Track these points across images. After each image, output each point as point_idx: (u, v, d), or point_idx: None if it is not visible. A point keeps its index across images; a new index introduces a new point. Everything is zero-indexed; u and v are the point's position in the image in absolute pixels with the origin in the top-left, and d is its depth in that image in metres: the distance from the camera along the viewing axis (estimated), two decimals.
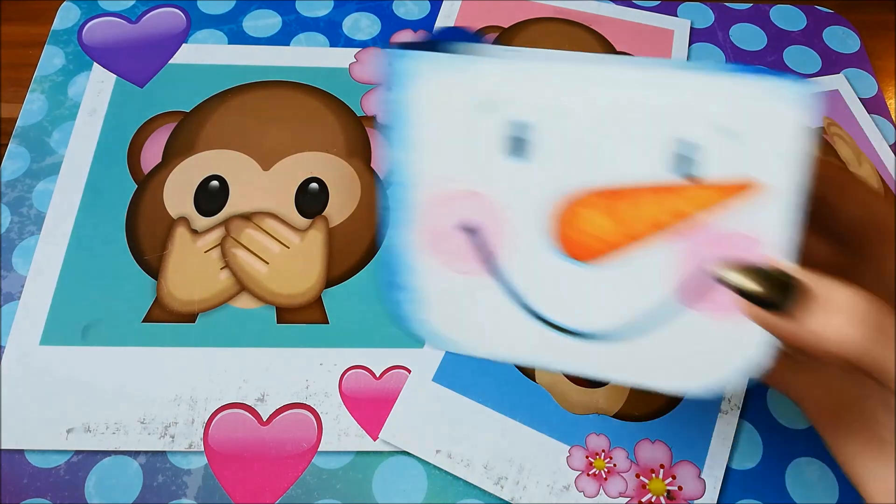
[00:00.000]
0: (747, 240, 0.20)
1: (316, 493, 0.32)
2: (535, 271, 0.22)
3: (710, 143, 0.20)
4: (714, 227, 0.20)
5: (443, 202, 0.22)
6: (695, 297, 0.21)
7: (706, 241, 0.21)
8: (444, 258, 0.23)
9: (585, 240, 0.21)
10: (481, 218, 0.22)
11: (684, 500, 0.32)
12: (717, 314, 0.21)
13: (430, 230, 0.23)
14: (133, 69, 0.43)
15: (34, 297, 0.35)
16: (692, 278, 0.21)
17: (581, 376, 0.23)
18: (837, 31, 0.48)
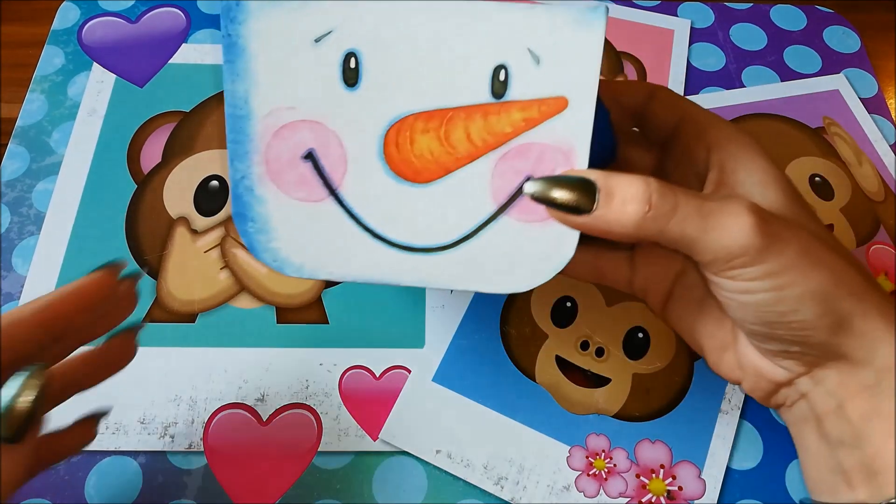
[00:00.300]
0: (556, 150, 0.24)
1: (316, 494, 0.32)
2: (371, 194, 0.24)
3: (520, 68, 0.23)
4: (527, 142, 0.23)
5: (282, 132, 0.24)
6: (512, 206, 0.24)
7: (521, 156, 0.24)
8: (287, 187, 0.24)
9: (416, 162, 0.24)
10: (320, 146, 0.24)
11: (684, 500, 0.32)
12: (531, 219, 0.24)
13: (271, 160, 0.24)
14: (133, 69, 0.43)
15: (34, 298, 0.35)
16: (509, 190, 0.24)
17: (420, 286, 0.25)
18: (838, 31, 0.48)
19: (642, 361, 0.35)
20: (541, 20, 0.22)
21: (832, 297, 0.24)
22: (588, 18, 0.22)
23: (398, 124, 0.23)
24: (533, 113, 0.23)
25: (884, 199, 0.41)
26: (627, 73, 0.45)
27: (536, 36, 0.22)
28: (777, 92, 0.44)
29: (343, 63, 0.23)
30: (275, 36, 0.23)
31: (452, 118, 0.23)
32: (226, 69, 0.23)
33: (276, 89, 0.23)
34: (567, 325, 0.36)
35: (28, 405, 0.23)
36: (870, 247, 0.39)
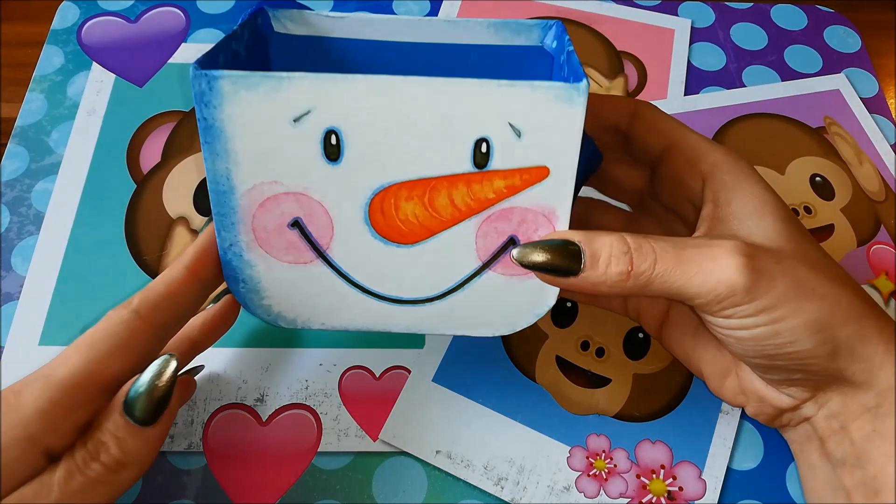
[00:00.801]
0: (537, 213, 0.24)
1: (315, 494, 0.32)
2: (359, 255, 0.25)
3: (501, 140, 0.23)
4: (510, 206, 0.24)
5: (267, 204, 0.24)
6: (496, 262, 0.25)
7: (504, 218, 0.25)
8: (276, 252, 0.25)
9: (402, 226, 0.25)
10: (306, 215, 0.25)
11: (685, 500, 0.32)
12: (515, 273, 0.26)
13: (258, 229, 0.25)
14: (132, 69, 0.43)
15: (33, 297, 0.35)
16: (493, 248, 0.25)
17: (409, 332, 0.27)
18: (838, 31, 0.48)
19: (643, 362, 0.35)
20: (522, 97, 0.22)
21: (829, 326, 0.24)
22: (569, 94, 0.22)
23: (382, 193, 0.24)
24: (515, 181, 0.24)
25: (884, 199, 0.41)
26: (628, 73, 0.45)
27: (518, 111, 0.23)
28: (777, 91, 0.44)
29: (324, 140, 0.23)
30: (252, 118, 0.23)
31: (436, 187, 0.24)
32: (204, 149, 0.23)
33: (257, 167, 0.24)
34: (567, 325, 0.36)
35: (163, 391, 0.23)
36: (870, 247, 0.39)
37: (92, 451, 0.23)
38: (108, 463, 0.23)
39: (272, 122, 0.23)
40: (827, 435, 0.26)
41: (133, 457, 0.23)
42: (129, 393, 0.23)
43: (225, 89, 0.22)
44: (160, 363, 0.24)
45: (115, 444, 0.23)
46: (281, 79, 0.22)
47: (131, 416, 0.23)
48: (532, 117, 0.23)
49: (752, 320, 0.24)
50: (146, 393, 0.23)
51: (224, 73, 0.22)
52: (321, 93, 0.22)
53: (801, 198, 0.40)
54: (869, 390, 0.25)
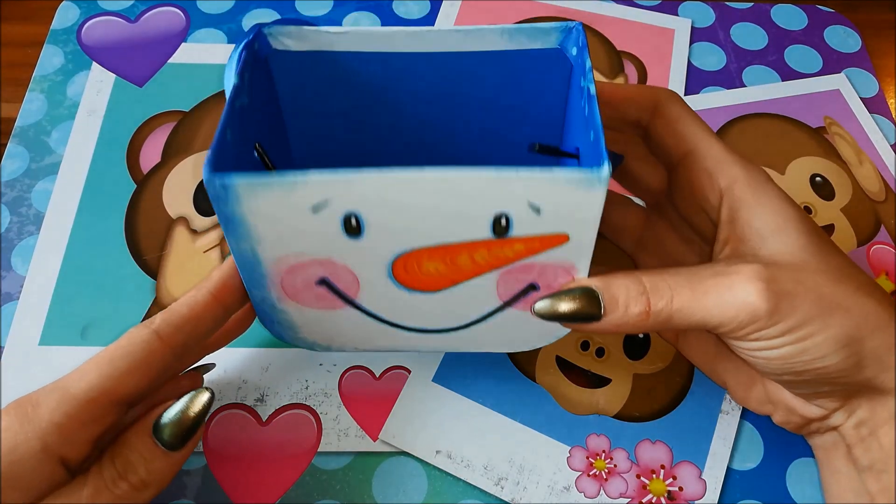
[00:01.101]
0: (557, 267, 0.25)
1: (315, 494, 0.32)
2: (385, 301, 0.26)
3: (522, 216, 0.23)
4: (530, 262, 0.25)
5: (294, 270, 0.25)
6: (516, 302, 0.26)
7: (524, 271, 0.25)
8: (307, 302, 0.26)
9: (425, 279, 0.25)
10: (331, 274, 0.25)
11: (685, 500, 0.32)
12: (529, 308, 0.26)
13: (287, 287, 0.26)
14: (132, 68, 0.43)
15: (33, 298, 0.35)
16: (514, 291, 0.26)
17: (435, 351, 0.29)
18: (838, 31, 0.48)
19: (643, 361, 0.35)
20: (542, 181, 0.22)
21: (856, 339, 0.24)
22: (590, 182, 0.22)
23: (404, 256, 0.24)
24: (534, 245, 0.24)
25: (885, 199, 0.41)
26: (628, 73, 0.45)
27: (538, 192, 0.22)
28: (778, 91, 0.44)
29: (344, 222, 0.23)
30: (271, 210, 0.23)
31: (456, 249, 0.24)
32: (227, 234, 0.24)
33: (281, 245, 0.24)
34: None
35: (193, 421, 0.25)
36: (870, 247, 0.39)
37: (121, 470, 0.24)
38: (134, 483, 0.24)
39: (291, 212, 0.23)
40: (855, 442, 0.26)
41: (157, 477, 0.24)
42: (161, 418, 0.24)
43: (240, 191, 0.22)
44: (194, 394, 0.25)
45: (143, 466, 0.24)
46: (294, 181, 0.22)
47: (160, 440, 0.24)
48: (551, 199, 0.22)
49: (777, 341, 0.24)
50: (177, 421, 0.24)
51: (237, 179, 0.22)
52: (336, 187, 0.22)
53: (801, 198, 0.40)
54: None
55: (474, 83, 0.29)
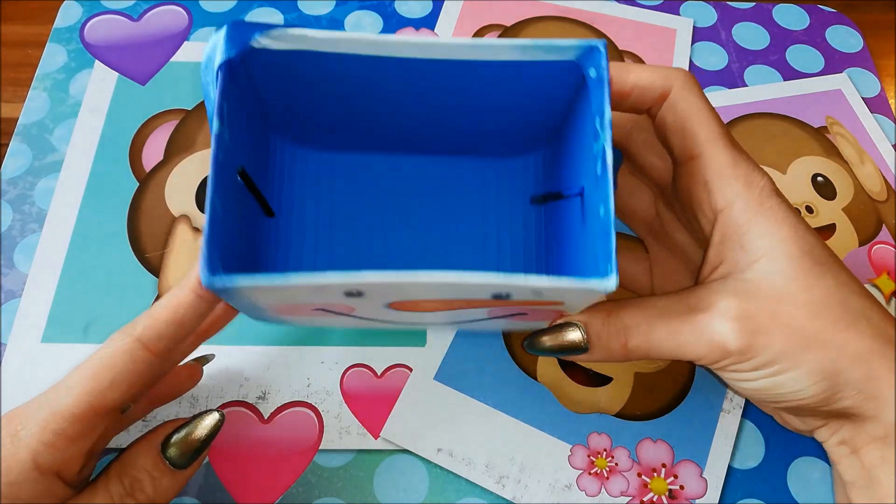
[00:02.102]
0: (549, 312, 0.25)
1: (317, 492, 0.32)
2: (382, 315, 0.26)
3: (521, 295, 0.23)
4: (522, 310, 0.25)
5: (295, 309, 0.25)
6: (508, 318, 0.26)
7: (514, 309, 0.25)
8: (304, 317, 0.27)
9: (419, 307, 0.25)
10: (329, 307, 0.25)
11: (686, 499, 0.32)
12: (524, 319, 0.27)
13: (285, 312, 0.26)
14: (135, 67, 0.43)
15: (36, 295, 0.35)
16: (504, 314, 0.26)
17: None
18: (840, 31, 0.48)
19: (644, 360, 0.35)
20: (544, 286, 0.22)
21: (834, 372, 0.24)
22: (594, 291, 0.22)
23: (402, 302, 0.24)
24: (531, 305, 0.24)
25: (886, 199, 0.41)
26: None
27: (541, 287, 0.22)
28: (779, 91, 0.44)
29: (346, 294, 0.22)
30: (272, 296, 0.23)
31: (454, 303, 0.24)
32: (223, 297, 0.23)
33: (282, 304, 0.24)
34: None
35: (201, 442, 0.25)
36: (872, 246, 0.39)
37: (128, 488, 0.24)
38: (142, 501, 0.24)
39: (293, 296, 0.23)
40: (838, 458, 0.27)
41: (163, 495, 0.25)
42: (170, 438, 0.25)
43: (240, 286, 0.21)
44: (203, 416, 0.25)
45: (151, 484, 0.24)
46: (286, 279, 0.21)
47: (167, 458, 0.25)
48: (554, 291, 0.22)
49: (752, 374, 0.25)
50: (186, 441, 0.25)
51: (235, 282, 0.21)
52: (335, 282, 0.21)
53: (802, 197, 0.40)
54: (878, 422, 0.25)
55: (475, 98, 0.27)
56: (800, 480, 0.32)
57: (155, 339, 0.24)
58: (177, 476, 0.25)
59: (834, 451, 0.27)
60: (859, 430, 0.25)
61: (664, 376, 0.35)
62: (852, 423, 0.26)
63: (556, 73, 0.26)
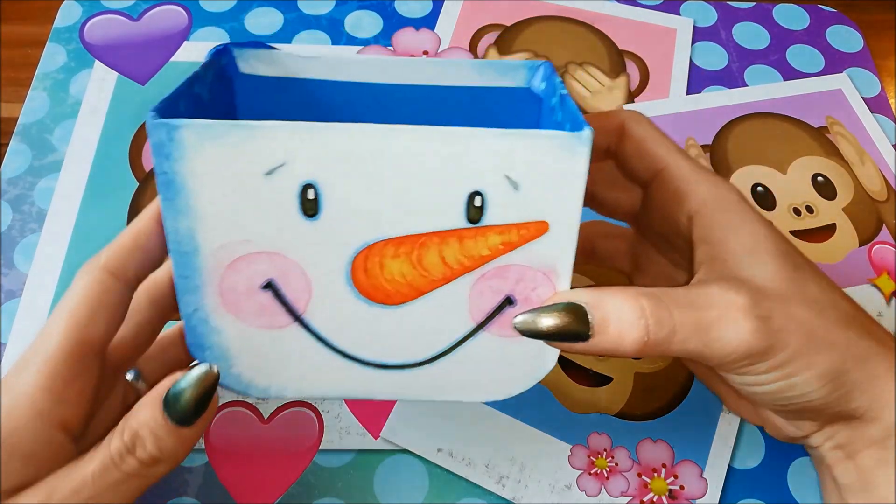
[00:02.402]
0: (536, 272, 0.23)
1: (317, 492, 0.32)
2: (340, 318, 0.23)
3: (497, 193, 0.21)
4: (506, 264, 0.22)
5: (237, 265, 0.22)
6: (491, 322, 0.23)
7: (500, 276, 0.22)
8: (246, 316, 0.23)
9: (388, 286, 0.22)
10: (280, 275, 0.22)
11: (686, 499, 0.32)
12: (511, 334, 0.23)
13: (226, 292, 0.22)
14: (135, 67, 0.43)
15: (35, 295, 0.35)
16: (488, 308, 0.23)
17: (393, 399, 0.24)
18: (840, 31, 0.48)
19: (644, 360, 0.35)
20: (519, 147, 0.21)
21: (841, 373, 0.24)
22: (570, 145, 0.21)
23: (366, 251, 0.22)
24: (512, 237, 0.22)
25: (886, 199, 0.41)
26: (630, 73, 0.45)
27: (515, 163, 0.21)
28: (780, 91, 0.44)
29: (300, 195, 0.21)
30: (218, 171, 0.20)
31: (425, 243, 0.22)
32: (163, 206, 0.21)
33: (225, 225, 0.21)
34: None
35: (201, 398, 0.22)
36: (872, 246, 0.39)
37: (128, 444, 0.22)
38: (143, 458, 0.22)
39: (241, 176, 0.21)
40: (834, 463, 0.27)
41: (168, 453, 0.23)
42: (169, 391, 0.23)
43: (188, 140, 0.20)
44: (203, 371, 0.23)
45: (153, 441, 0.22)
46: (252, 128, 0.20)
47: (169, 416, 0.22)
48: (531, 169, 0.21)
49: (766, 377, 0.24)
50: (184, 397, 0.22)
51: (186, 122, 0.20)
52: (297, 143, 0.20)
53: (802, 197, 0.40)
54: (878, 424, 0.25)
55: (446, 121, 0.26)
56: (800, 480, 0.32)
57: (121, 266, 0.23)
58: (181, 434, 0.23)
59: (829, 456, 0.27)
60: (857, 433, 0.25)
61: (664, 376, 0.35)
62: (850, 426, 0.26)
63: (517, 100, 0.27)
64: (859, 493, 0.26)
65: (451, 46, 0.45)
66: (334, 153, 0.20)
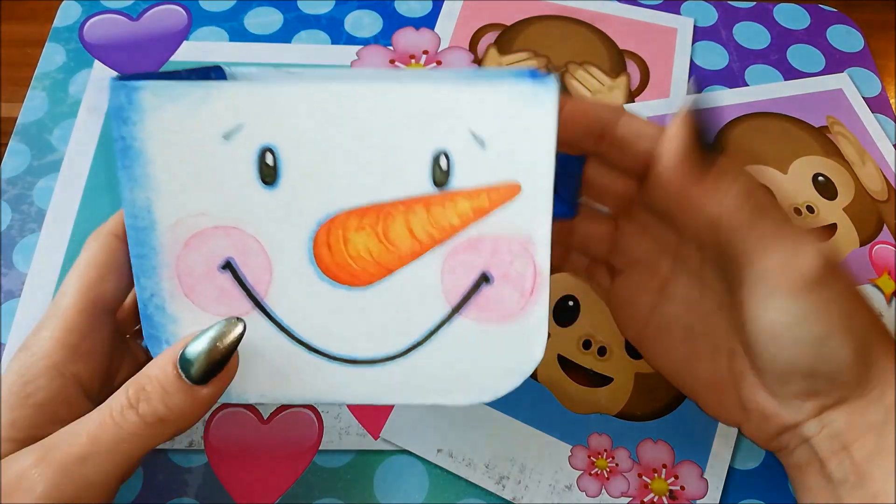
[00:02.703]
0: (511, 241, 0.21)
1: (317, 492, 0.32)
2: (303, 303, 0.21)
3: (464, 153, 0.20)
4: (479, 234, 0.21)
5: (193, 242, 0.21)
6: (468, 304, 0.22)
7: (473, 249, 0.21)
8: (204, 302, 0.22)
9: (353, 264, 0.21)
10: (239, 254, 0.21)
11: (687, 499, 0.32)
12: (492, 318, 0.22)
13: (184, 274, 0.22)
14: (134, 67, 0.43)
15: (35, 295, 0.35)
16: (464, 287, 0.21)
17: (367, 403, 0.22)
18: (841, 30, 0.48)
19: (644, 361, 0.35)
20: (483, 99, 0.20)
21: (866, 337, 0.24)
22: (537, 93, 0.20)
23: (328, 224, 0.21)
24: (482, 202, 0.21)
25: (887, 199, 0.41)
26: (630, 72, 0.44)
27: (479, 117, 0.20)
28: (780, 91, 0.44)
29: (259, 160, 0.20)
30: (176, 135, 0.20)
31: (390, 213, 0.21)
32: (121, 175, 0.21)
33: (181, 195, 0.21)
34: (569, 324, 0.36)
35: (223, 353, 0.21)
36: (873, 246, 0.39)
37: (132, 399, 0.21)
38: (146, 415, 0.21)
39: (199, 139, 0.20)
40: (828, 456, 0.26)
41: (175, 413, 0.21)
42: (186, 346, 0.21)
43: (146, 102, 0.20)
44: (226, 323, 0.21)
45: (159, 397, 0.21)
46: (211, 88, 0.20)
47: (184, 371, 0.21)
48: (496, 123, 0.20)
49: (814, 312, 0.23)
50: (202, 351, 0.21)
51: (146, 83, 0.20)
52: (255, 104, 0.20)
53: (803, 197, 0.40)
54: (878, 406, 0.25)
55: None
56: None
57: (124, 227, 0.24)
58: (193, 393, 0.21)
59: (824, 447, 0.26)
60: (856, 417, 0.25)
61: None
62: (848, 412, 0.25)
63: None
64: (854, 487, 0.25)
65: (451, 46, 0.44)
66: (291, 114, 0.20)
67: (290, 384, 0.22)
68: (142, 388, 0.21)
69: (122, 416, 0.21)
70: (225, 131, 0.20)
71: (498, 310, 0.22)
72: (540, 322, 0.22)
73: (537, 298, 0.22)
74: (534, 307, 0.22)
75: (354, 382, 0.22)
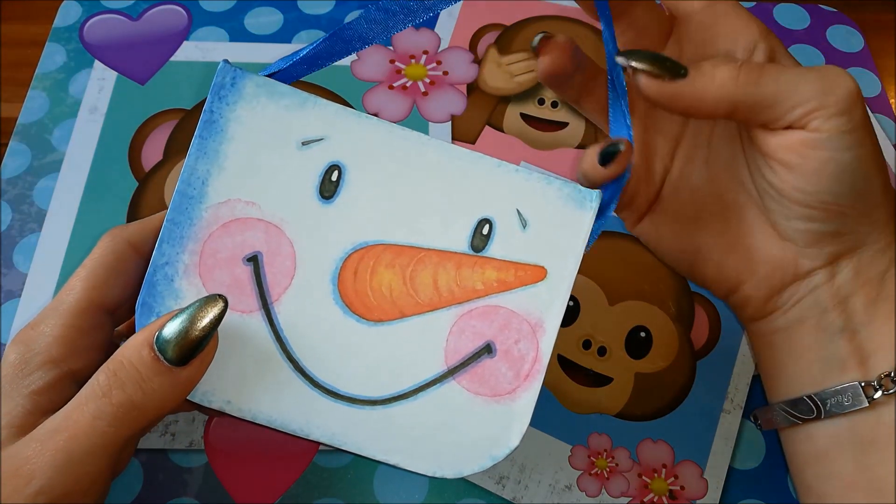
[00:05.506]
0: (523, 321, 0.22)
1: (317, 492, 0.32)
2: (309, 320, 0.22)
3: (506, 227, 0.22)
4: (495, 304, 0.22)
5: (232, 226, 0.22)
6: (464, 371, 0.22)
7: (485, 317, 0.22)
8: (214, 286, 0.22)
9: (371, 296, 0.22)
10: (269, 251, 0.22)
11: (686, 499, 0.32)
12: (481, 392, 0.22)
13: (207, 253, 0.22)
14: (134, 66, 0.43)
15: (35, 295, 0.35)
16: (465, 352, 0.22)
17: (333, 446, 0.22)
18: (841, 30, 0.48)
19: (644, 361, 0.35)
20: (536, 186, 0.22)
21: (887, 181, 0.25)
22: (582, 197, 0.22)
23: (364, 250, 0.22)
24: (508, 276, 0.22)
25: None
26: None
27: (529, 200, 0.22)
28: None
29: (324, 173, 0.22)
30: (261, 126, 0.22)
31: (423, 259, 0.22)
32: (194, 144, 0.22)
33: (241, 179, 0.22)
34: (569, 324, 0.36)
35: (200, 333, 0.20)
36: None
37: (104, 387, 0.20)
38: (120, 403, 0.20)
39: (279, 137, 0.22)
40: (830, 306, 0.26)
41: (153, 398, 0.20)
42: (163, 326, 0.20)
43: (247, 90, 0.22)
44: (206, 301, 0.20)
45: (134, 382, 0.20)
46: (307, 98, 0.22)
47: (161, 352, 0.20)
48: (542, 211, 0.22)
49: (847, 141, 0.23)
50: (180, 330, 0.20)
51: (252, 74, 0.22)
52: (341, 125, 0.22)
53: None
54: (884, 257, 0.25)
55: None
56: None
57: (143, 242, 0.25)
58: (172, 375, 0.20)
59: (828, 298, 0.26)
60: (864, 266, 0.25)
61: (664, 376, 0.35)
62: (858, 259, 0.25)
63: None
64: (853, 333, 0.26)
65: (451, 46, 0.45)
66: (371, 143, 0.22)
67: (258, 398, 0.22)
68: (114, 376, 0.20)
69: (88, 405, 0.20)
70: (305, 139, 0.22)
71: (491, 384, 0.22)
72: (525, 409, 0.22)
73: (530, 385, 0.22)
74: (524, 392, 0.22)
75: (325, 415, 0.22)
